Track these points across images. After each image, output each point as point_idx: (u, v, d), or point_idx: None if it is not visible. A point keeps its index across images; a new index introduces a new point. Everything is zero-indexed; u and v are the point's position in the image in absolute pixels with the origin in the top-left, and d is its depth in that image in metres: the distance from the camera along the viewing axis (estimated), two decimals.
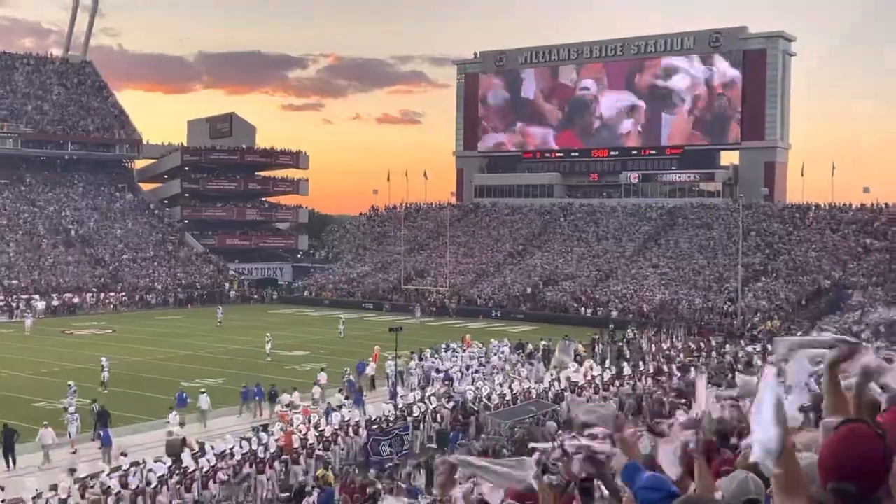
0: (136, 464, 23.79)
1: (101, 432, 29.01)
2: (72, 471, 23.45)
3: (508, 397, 33.07)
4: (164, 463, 24.02)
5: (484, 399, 32.60)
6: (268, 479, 24.60)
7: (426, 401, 32.07)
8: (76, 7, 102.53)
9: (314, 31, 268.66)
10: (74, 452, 28.38)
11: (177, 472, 23.46)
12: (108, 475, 22.85)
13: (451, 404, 31.70)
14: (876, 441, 2.79)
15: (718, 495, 3.81)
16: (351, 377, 37.69)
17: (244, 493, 23.89)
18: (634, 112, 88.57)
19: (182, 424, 29.87)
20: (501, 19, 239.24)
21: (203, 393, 33.36)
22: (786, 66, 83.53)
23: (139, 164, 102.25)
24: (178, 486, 22.82)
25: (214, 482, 23.46)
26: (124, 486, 22.03)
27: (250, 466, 24.47)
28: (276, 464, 25.09)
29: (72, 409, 30.18)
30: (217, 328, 61.00)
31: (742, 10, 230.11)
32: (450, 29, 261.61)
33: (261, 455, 25.02)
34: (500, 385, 35.06)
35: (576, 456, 4.35)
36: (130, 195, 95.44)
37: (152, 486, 22.44)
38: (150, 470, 23.26)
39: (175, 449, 26.09)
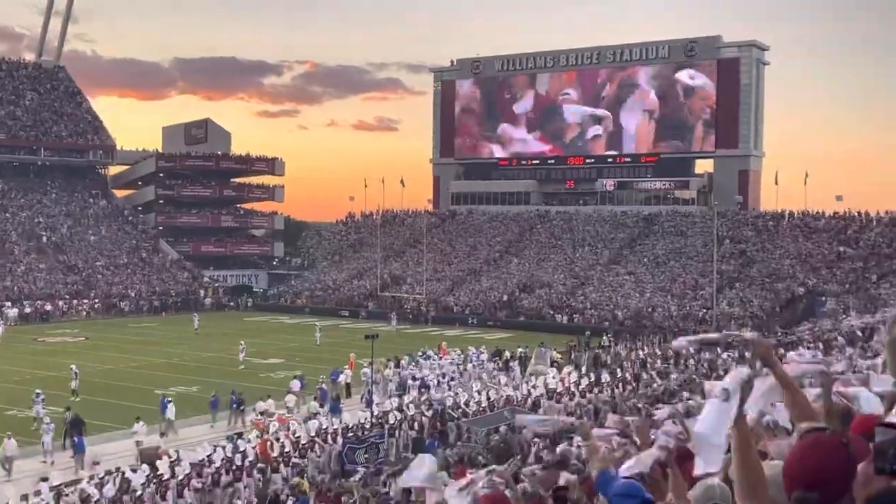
0: (110, 472, 23.59)
1: (76, 439, 28.74)
2: (43, 479, 23.21)
3: (485, 404, 33.05)
4: (144, 471, 23.82)
5: (462, 406, 32.56)
6: (245, 487, 24.43)
7: (404, 408, 32.01)
8: (49, 12, 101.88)
9: (290, 37, 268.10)
10: (45, 462, 27.97)
11: (153, 480, 23.27)
12: (87, 482, 22.66)
13: (431, 412, 31.63)
14: (840, 450, 2.77)
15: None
16: (324, 385, 37.53)
17: (228, 500, 23.75)
18: (609, 120, 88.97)
19: (163, 434, 29.57)
20: (478, 27, 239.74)
21: (169, 401, 32.78)
22: (759, 75, 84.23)
23: (113, 170, 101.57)
24: (154, 495, 22.64)
25: (189, 490, 23.26)
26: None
27: (227, 474, 24.29)
28: (255, 472, 24.93)
29: (47, 420, 29.81)
30: (192, 335, 60.57)
31: (716, 19, 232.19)
32: (426, 36, 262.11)
33: (238, 463, 24.86)
34: (479, 392, 35.06)
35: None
36: (104, 201, 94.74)
37: (138, 493, 22.29)
38: (126, 478, 23.05)
39: (150, 458, 25.88)
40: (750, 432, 3.31)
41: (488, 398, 33.83)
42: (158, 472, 23.59)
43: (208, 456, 24.93)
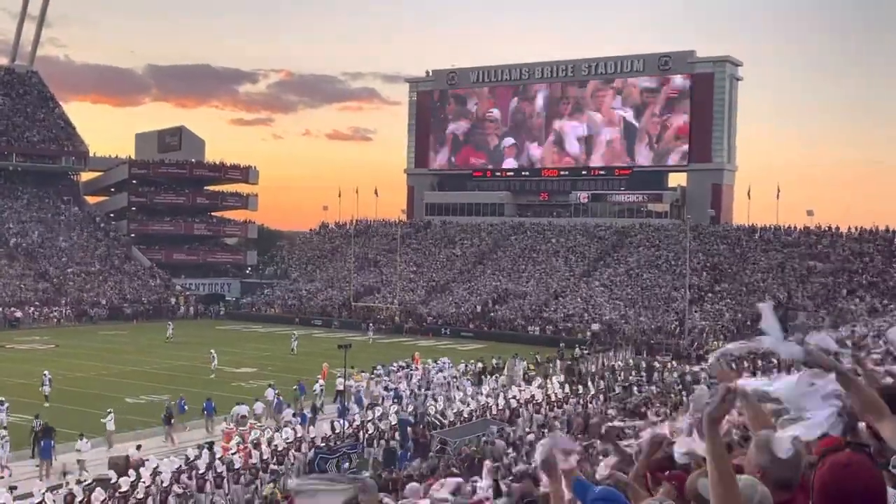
0: (100, 478, 23.59)
1: (42, 442, 28.39)
2: (12, 488, 22.97)
3: (464, 415, 33.13)
4: (130, 476, 23.75)
5: (439, 416, 32.63)
6: (226, 494, 24.67)
7: (385, 419, 32.00)
8: (23, 16, 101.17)
9: (265, 45, 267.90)
10: (2, 477, 27.43)
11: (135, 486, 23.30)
12: (76, 485, 22.59)
13: (415, 421, 31.64)
14: (876, 469, 2.78)
15: None
16: (280, 397, 37.03)
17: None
18: (582, 132, 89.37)
19: (139, 447, 29.18)
20: (455, 38, 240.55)
21: (110, 413, 31.49)
22: (732, 90, 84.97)
23: (85, 176, 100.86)
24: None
25: (171, 495, 23.35)
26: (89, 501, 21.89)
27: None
28: (242, 478, 25.11)
29: (3, 432, 29.22)
30: (163, 344, 60.16)
31: (690, 35, 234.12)
32: (402, 46, 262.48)
33: (219, 469, 25.07)
34: (461, 402, 35.18)
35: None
36: (76, 208, 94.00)
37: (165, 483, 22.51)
38: (114, 483, 23.06)
39: (119, 467, 25.64)
40: (724, 446, 3.35)
41: (467, 407, 33.94)
42: (141, 479, 23.53)
43: (193, 461, 25.02)
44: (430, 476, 22.80)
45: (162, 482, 23.43)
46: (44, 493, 21.44)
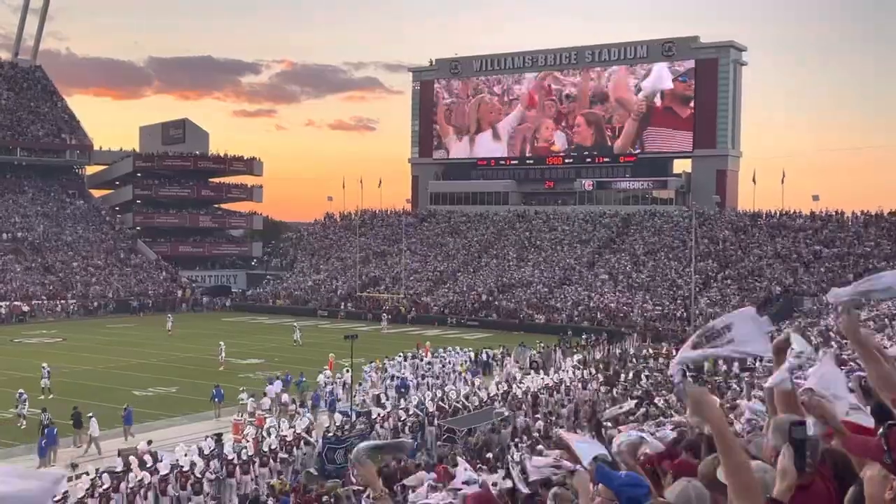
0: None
1: (47, 430, 28.51)
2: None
3: (475, 403, 33.26)
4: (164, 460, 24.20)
5: (463, 400, 32.78)
6: (251, 480, 25.08)
7: (405, 410, 32.14)
8: (25, 10, 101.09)
9: (267, 36, 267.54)
10: None
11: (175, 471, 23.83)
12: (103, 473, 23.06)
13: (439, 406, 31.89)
14: None
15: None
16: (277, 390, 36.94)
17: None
18: (586, 119, 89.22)
19: (149, 442, 29.28)
20: (458, 26, 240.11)
21: (91, 416, 30.04)
22: (737, 75, 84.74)
23: (90, 170, 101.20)
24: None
25: (205, 480, 23.84)
26: (115, 488, 22.23)
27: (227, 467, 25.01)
28: (258, 467, 25.55)
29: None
30: (170, 336, 60.27)
31: (693, 19, 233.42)
32: (405, 35, 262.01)
33: (243, 457, 25.53)
34: (473, 387, 35.39)
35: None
36: (81, 201, 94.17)
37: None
38: (150, 467, 23.65)
39: (125, 459, 25.76)
40: (733, 434, 3.38)
41: (481, 395, 34.13)
42: (179, 464, 23.92)
43: (213, 450, 25.45)
44: (439, 464, 22.89)
45: (193, 466, 23.83)
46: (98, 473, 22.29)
